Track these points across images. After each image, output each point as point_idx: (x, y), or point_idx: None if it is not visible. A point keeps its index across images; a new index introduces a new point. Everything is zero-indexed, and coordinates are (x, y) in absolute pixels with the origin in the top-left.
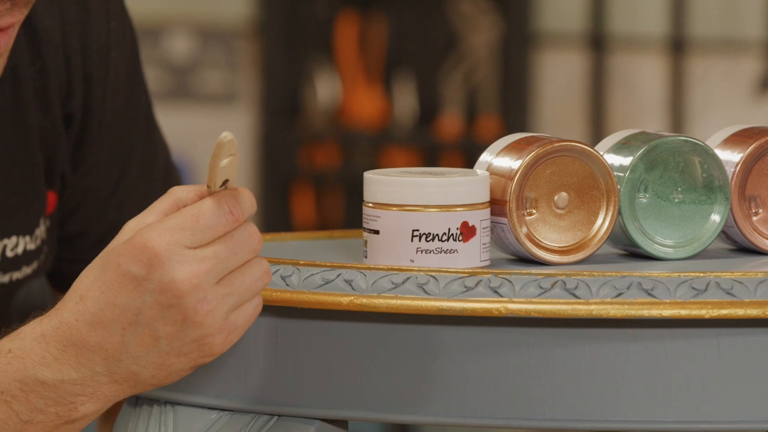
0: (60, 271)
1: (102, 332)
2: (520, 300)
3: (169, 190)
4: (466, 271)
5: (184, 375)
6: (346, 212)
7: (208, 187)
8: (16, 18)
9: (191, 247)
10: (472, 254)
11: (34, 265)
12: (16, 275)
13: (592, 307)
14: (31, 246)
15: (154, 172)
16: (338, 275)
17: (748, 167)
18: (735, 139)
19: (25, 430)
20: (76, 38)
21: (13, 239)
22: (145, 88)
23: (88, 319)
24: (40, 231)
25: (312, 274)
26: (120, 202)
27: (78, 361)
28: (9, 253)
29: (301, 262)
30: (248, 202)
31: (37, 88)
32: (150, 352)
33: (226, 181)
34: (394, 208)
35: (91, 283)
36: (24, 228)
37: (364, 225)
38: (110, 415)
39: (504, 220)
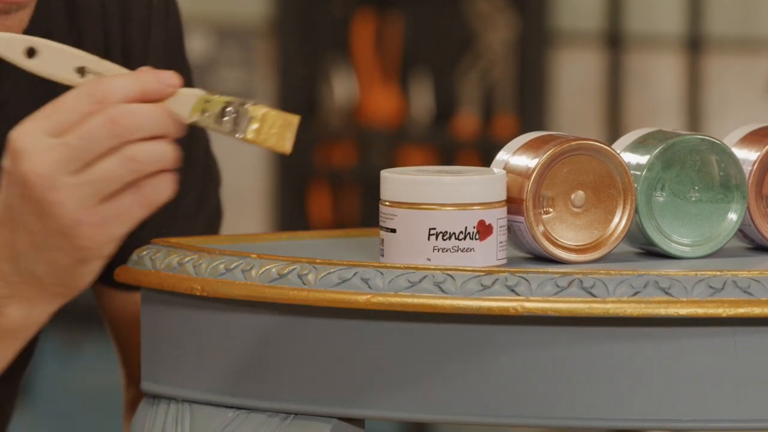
0: None
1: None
2: (537, 299)
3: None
4: (483, 269)
5: (79, 278)
6: (362, 211)
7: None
8: None
9: (50, 134)
10: (489, 253)
11: None
12: None
13: (609, 305)
14: None
15: (195, 155)
16: (355, 274)
17: (765, 166)
18: (752, 138)
19: None
20: (116, 12)
21: None
22: (188, 73)
23: None
24: None
25: (329, 273)
26: None
27: None
28: None
29: (317, 261)
30: (119, 83)
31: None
32: (33, 249)
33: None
34: (411, 207)
35: None
36: None
37: (381, 223)
38: (133, 409)
39: (521, 218)
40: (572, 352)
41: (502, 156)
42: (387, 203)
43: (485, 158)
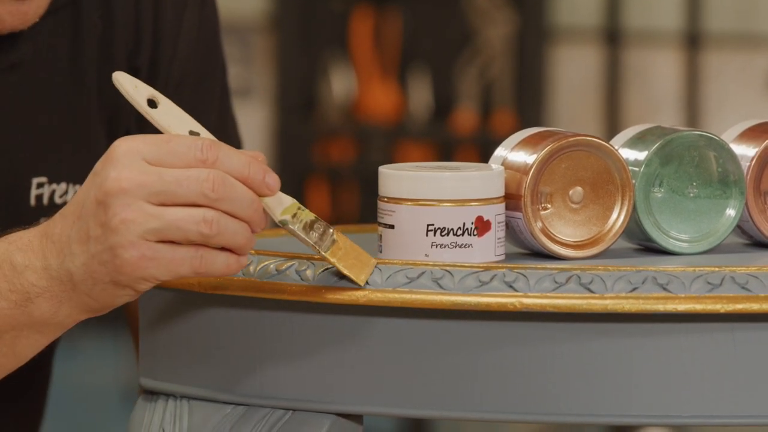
0: None
1: (62, 224)
2: (535, 294)
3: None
4: (481, 265)
5: (108, 297)
6: (361, 207)
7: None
8: None
9: (147, 161)
10: (487, 249)
11: None
12: None
13: (607, 301)
14: None
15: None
16: None
17: (763, 162)
18: (750, 134)
19: None
20: None
21: (63, 185)
22: (222, 65)
23: (61, 212)
24: None
25: (327, 269)
26: None
27: (42, 251)
28: (57, 200)
29: (316, 257)
30: (232, 157)
31: (101, 34)
32: (83, 252)
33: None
34: (409, 203)
35: None
36: (74, 176)
37: (379, 219)
38: None
39: (519, 214)
40: (570, 348)
41: (500, 152)
42: (385, 199)
43: (484, 154)
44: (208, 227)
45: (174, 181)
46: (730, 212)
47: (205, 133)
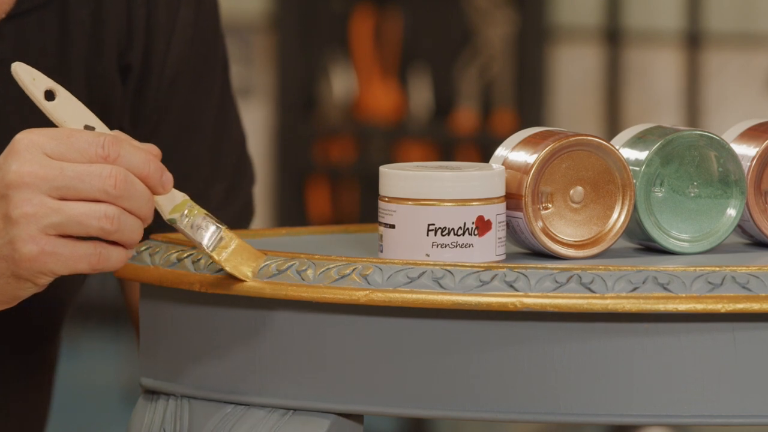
0: None
1: None
2: (536, 294)
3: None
4: (482, 265)
5: (11, 289)
6: (361, 206)
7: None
8: None
9: (48, 155)
10: (488, 248)
11: None
12: None
13: (608, 301)
14: None
15: (225, 148)
16: (354, 269)
17: (764, 161)
18: (751, 134)
19: None
20: None
21: None
22: (223, 62)
23: None
24: None
25: (327, 269)
26: (185, 173)
27: None
28: None
29: (316, 257)
30: (132, 154)
31: (90, 31)
32: None
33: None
34: (410, 203)
35: None
36: None
37: (380, 219)
38: None
39: (519, 214)
40: (571, 348)
41: (500, 151)
42: (386, 199)
43: (484, 154)
44: (109, 223)
45: (76, 177)
46: (731, 212)
47: (101, 127)
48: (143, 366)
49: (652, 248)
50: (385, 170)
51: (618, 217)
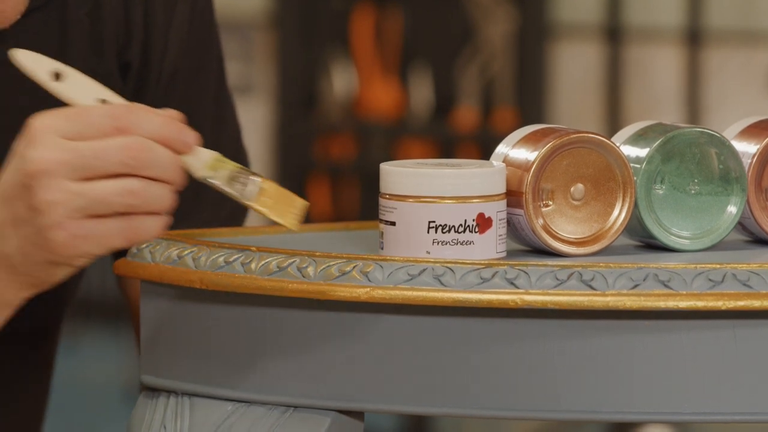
0: None
1: None
2: (536, 291)
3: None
4: (483, 262)
5: (47, 275)
6: (362, 204)
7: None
8: None
9: (63, 137)
10: (488, 246)
11: None
12: None
13: (609, 298)
14: None
15: (223, 144)
16: (354, 267)
17: (764, 159)
18: (751, 131)
19: None
20: None
21: None
22: (218, 56)
23: None
24: None
25: (328, 266)
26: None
27: None
28: None
29: (317, 254)
30: (148, 120)
31: (89, 30)
32: (15, 234)
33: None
34: (411, 200)
35: None
36: None
37: (380, 216)
38: None
39: (520, 211)
40: (572, 345)
41: (501, 149)
42: (386, 196)
43: (485, 151)
44: (134, 198)
45: (92, 155)
46: (732, 209)
47: (115, 98)
48: (144, 363)
49: (652, 245)
50: (385, 167)
51: (619, 215)
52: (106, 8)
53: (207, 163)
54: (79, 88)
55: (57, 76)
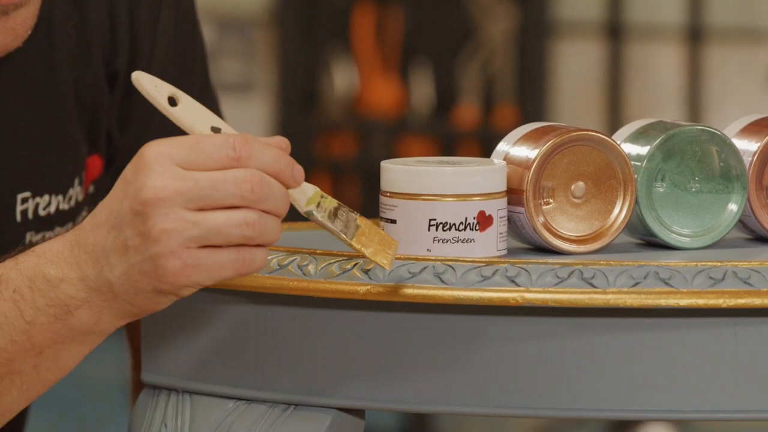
0: None
1: (95, 233)
2: (537, 289)
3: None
4: (483, 260)
5: (150, 304)
6: (362, 201)
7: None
8: None
9: (180, 165)
10: (489, 244)
11: (69, 226)
12: (49, 235)
13: (609, 296)
14: (65, 206)
15: None
16: (355, 264)
17: (765, 157)
18: (752, 129)
19: (29, 332)
20: None
21: (45, 198)
22: (202, 54)
23: (91, 221)
24: (75, 192)
25: (329, 264)
26: None
27: (76, 262)
28: (41, 212)
29: (318, 252)
30: (263, 152)
31: (76, 43)
32: (122, 262)
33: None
34: (411, 198)
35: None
36: (56, 187)
37: (381, 214)
38: (138, 390)
39: (521, 209)
40: (572, 343)
41: (502, 147)
42: (387, 194)
43: (485, 149)
44: (250, 230)
45: (211, 186)
46: (732, 207)
47: (226, 128)
48: (145, 361)
49: (653, 243)
50: (386, 165)
51: (619, 213)
52: (93, 20)
53: (311, 198)
54: (194, 113)
55: (172, 101)
